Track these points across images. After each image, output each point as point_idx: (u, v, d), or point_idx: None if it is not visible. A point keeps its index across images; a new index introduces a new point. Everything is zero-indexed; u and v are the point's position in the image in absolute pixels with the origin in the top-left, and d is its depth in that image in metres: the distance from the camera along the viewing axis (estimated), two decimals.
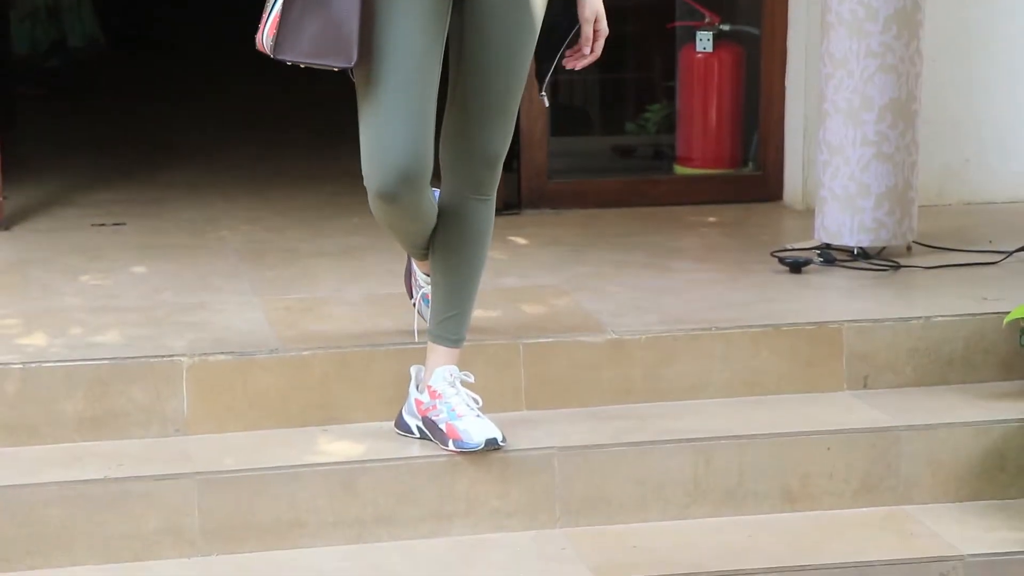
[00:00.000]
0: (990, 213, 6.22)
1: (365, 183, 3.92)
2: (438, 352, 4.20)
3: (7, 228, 6.16)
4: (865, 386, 4.76)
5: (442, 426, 4.06)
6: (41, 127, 8.00)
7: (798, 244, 5.73)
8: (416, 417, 4.23)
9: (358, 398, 4.60)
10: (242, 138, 8.03)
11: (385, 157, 3.84)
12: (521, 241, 5.97)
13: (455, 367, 4.16)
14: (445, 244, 4.16)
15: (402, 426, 4.30)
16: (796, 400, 4.67)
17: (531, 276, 5.41)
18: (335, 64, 3.68)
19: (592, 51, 3.89)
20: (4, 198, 6.25)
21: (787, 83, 6.34)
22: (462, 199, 4.05)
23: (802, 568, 4.12)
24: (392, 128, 3.83)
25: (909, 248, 5.62)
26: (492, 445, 4.00)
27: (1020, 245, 5.63)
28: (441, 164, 4.06)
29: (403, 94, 3.82)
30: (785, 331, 4.81)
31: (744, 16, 6.64)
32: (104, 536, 4.08)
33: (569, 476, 4.25)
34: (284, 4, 3.70)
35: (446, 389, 4.11)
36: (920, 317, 4.90)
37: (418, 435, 4.22)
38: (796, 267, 5.46)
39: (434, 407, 4.11)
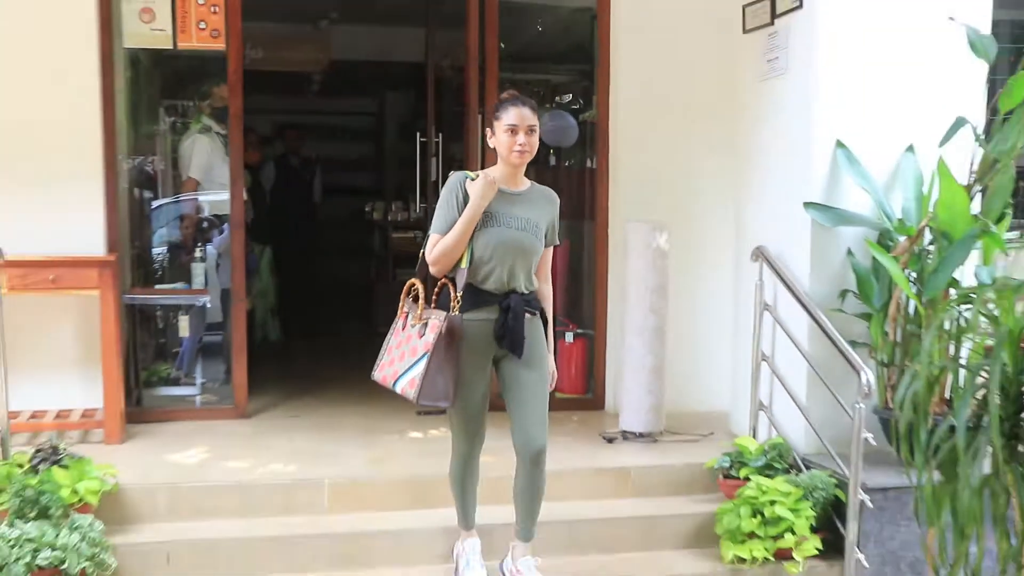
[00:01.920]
0: (699, 415, 7.10)
1: (456, 451, 4.88)
2: (520, 547, 4.97)
3: (249, 417, 7.12)
4: (644, 495, 5.94)
5: None
6: (266, 367, 8.81)
7: (611, 430, 6.72)
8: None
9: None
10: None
11: (467, 440, 4.83)
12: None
13: (531, 556, 4.97)
14: (523, 489, 4.86)
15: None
16: (605, 503, 5.76)
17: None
18: (444, 405, 4.55)
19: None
20: (248, 400, 7.20)
21: (607, 358, 7.44)
22: (521, 463, 4.81)
23: None
24: (470, 429, 4.80)
25: (662, 432, 6.67)
26: None
27: (710, 431, 6.81)
28: (514, 447, 4.80)
29: (472, 415, 4.77)
30: (604, 470, 6.05)
31: (588, 324, 7.61)
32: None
33: None
34: (424, 372, 4.45)
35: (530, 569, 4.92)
36: (669, 464, 6.14)
37: None
38: (610, 440, 6.58)
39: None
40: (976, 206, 5.86)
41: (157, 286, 7.44)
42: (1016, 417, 3.44)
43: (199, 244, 7.47)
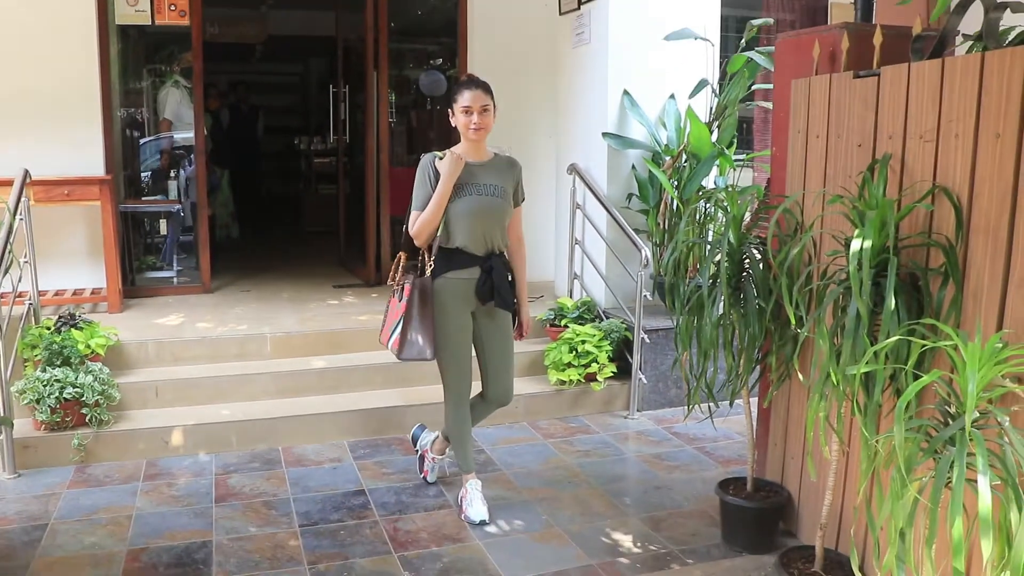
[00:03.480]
0: (532, 283, 5.67)
1: (452, 399, 3.91)
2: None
3: (212, 292, 6.90)
4: None
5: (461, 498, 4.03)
6: (225, 256, 8.41)
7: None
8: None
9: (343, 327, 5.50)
10: (309, 261, 8.27)
11: (460, 391, 3.91)
12: None
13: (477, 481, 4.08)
14: (475, 423, 4.08)
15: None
16: None
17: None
18: (425, 358, 3.76)
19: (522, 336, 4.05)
20: (212, 280, 6.96)
21: None
22: (490, 406, 4.07)
23: None
24: (462, 380, 3.90)
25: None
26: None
27: (540, 294, 6.49)
28: (486, 394, 4.03)
29: (462, 365, 3.89)
30: None
31: None
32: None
33: None
34: (401, 332, 3.75)
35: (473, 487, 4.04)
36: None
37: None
38: None
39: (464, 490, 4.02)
40: (715, 137, 5.87)
41: (143, 198, 7.23)
42: (739, 276, 3.44)
43: (173, 168, 7.25)
